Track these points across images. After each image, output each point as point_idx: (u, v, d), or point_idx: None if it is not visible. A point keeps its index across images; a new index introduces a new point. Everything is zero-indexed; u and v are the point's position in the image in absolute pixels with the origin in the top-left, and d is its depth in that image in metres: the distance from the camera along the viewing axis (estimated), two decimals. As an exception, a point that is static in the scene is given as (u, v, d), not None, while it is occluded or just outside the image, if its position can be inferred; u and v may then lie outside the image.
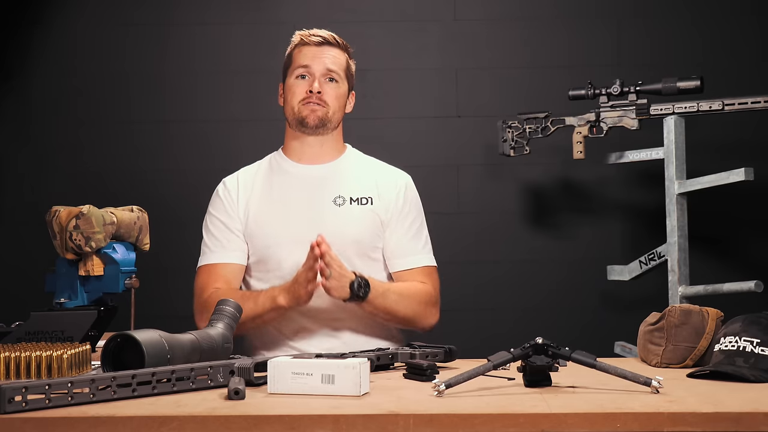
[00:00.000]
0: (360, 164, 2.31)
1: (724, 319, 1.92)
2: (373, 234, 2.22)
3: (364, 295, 2.07)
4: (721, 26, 3.45)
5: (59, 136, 3.49)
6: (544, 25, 3.51)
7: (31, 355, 1.70)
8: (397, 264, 2.25)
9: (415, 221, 2.29)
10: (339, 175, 2.26)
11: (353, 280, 2.06)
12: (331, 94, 2.22)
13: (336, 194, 2.22)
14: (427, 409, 1.44)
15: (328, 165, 2.27)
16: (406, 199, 2.28)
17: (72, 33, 3.52)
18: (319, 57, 2.22)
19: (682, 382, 1.69)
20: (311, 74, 2.21)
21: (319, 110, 2.21)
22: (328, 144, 2.26)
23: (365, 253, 2.21)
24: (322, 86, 2.20)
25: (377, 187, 2.25)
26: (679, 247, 2.97)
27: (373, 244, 2.23)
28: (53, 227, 2.21)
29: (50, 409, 1.44)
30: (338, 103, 2.23)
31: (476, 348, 2.11)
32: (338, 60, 2.24)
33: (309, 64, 2.21)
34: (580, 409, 1.43)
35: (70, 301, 2.20)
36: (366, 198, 2.23)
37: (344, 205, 2.21)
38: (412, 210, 2.29)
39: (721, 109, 2.93)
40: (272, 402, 1.52)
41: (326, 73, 2.21)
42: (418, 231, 2.29)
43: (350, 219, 2.20)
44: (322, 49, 2.23)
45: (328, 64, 2.22)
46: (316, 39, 2.23)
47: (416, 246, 2.27)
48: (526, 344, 1.63)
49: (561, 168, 3.44)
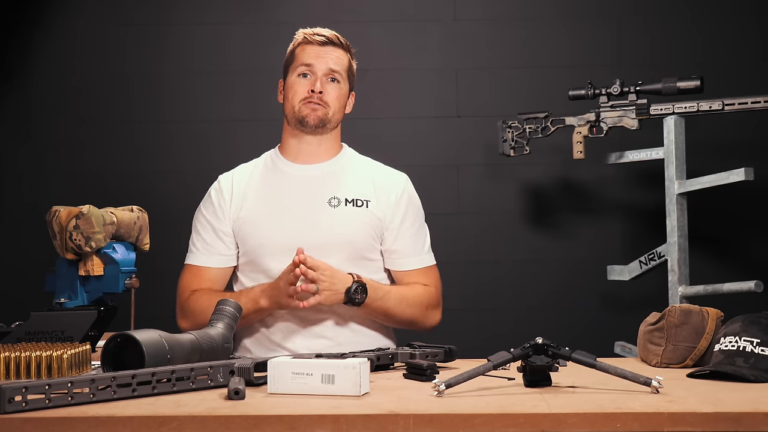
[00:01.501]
0: (357, 165, 2.31)
1: (724, 319, 1.92)
2: (368, 236, 2.21)
3: (360, 300, 2.08)
4: (722, 26, 3.45)
5: (59, 136, 3.49)
6: (544, 24, 3.51)
7: (31, 355, 1.70)
8: (397, 265, 2.25)
9: (415, 222, 2.29)
10: (335, 176, 2.25)
11: (349, 286, 2.06)
12: (333, 95, 2.22)
13: (331, 195, 2.22)
14: (427, 409, 1.44)
15: (324, 165, 2.27)
16: (404, 199, 2.27)
17: (72, 33, 3.52)
18: (322, 56, 2.21)
19: (682, 382, 1.69)
20: (313, 73, 2.21)
21: (319, 110, 2.20)
22: (325, 144, 2.26)
23: (360, 254, 2.20)
24: (324, 86, 2.20)
25: (375, 188, 2.25)
26: (679, 247, 2.97)
27: (369, 245, 2.22)
28: (53, 227, 2.21)
29: (50, 409, 1.44)
30: (339, 103, 2.23)
31: (476, 348, 2.12)
32: (341, 60, 2.24)
33: (311, 63, 2.21)
34: (580, 409, 1.43)
35: (70, 301, 2.20)
36: (362, 200, 2.22)
37: (339, 206, 2.20)
38: (412, 210, 2.28)
39: (721, 109, 2.93)
40: (272, 402, 1.52)
41: (328, 73, 2.21)
42: (418, 231, 2.28)
43: (344, 221, 2.19)
44: (326, 49, 2.22)
45: (330, 65, 2.21)
46: (319, 38, 2.22)
47: (416, 247, 2.27)
48: (526, 344, 1.63)
49: (561, 168, 3.44)
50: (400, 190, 2.28)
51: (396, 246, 2.24)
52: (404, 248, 2.25)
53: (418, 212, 2.31)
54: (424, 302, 2.21)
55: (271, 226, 2.19)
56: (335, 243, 2.16)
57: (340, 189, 2.23)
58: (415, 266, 2.26)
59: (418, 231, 2.29)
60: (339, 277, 2.07)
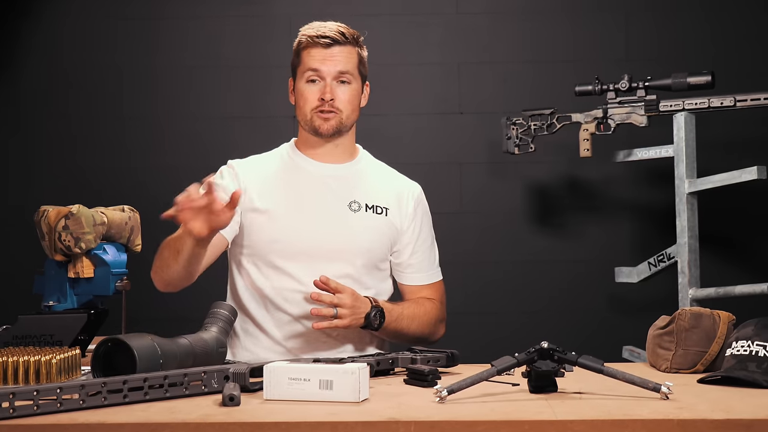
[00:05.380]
0: (375, 170, 2.31)
1: (736, 323, 1.92)
2: (384, 245, 2.22)
3: (379, 325, 2.09)
4: (734, 18, 3.45)
5: (48, 133, 3.49)
6: (549, 18, 3.51)
7: (19, 360, 1.70)
8: (408, 278, 2.27)
9: (429, 235, 2.31)
10: (355, 179, 2.25)
11: (369, 312, 2.07)
12: (344, 99, 2.20)
13: (351, 198, 2.21)
14: (429, 415, 1.44)
15: (344, 166, 2.26)
16: (420, 211, 2.30)
17: (61, 26, 3.52)
18: (329, 60, 2.18)
19: (693, 388, 1.69)
20: (322, 78, 2.18)
21: (332, 119, 2.19)
22: (342, 145, 2.25)
23: (374, 264, 2.21)
24: (334, 92, 2.18)
25: (394, 197, 2.26)
26: (689, 248, 2.97)
27: (384, 255, 2.23)
28: (41, 227, 2.21)
29: (38, 416, 1.44)
30: (352, 105, 2.22)
31: (479, 352, 2.12)
32: (350, 59, 2.21)
33: (318, 67, 2.18)
34: (587, 415, 1.43)
35: (59, 304, 2.20)
36: (382, 207, 2.23)
37: (359, 211, 2.21)
38: (426, 223, 2.31)
39: (733, 105, 2.92)
40: (268, 408, 1.52)
41: (337, 76, 2.19)
42: (431, 246, 2.31)
43: (364, 227, 2.19)
44: (332, 51, 2.19)
45: (339, 67, 2.18)
46: (324, 41, 2.18)
47: (429, 261, 2.29)
48: (531, 348, 1.63)
49: (567, 166, 3.44)
50: (417, 201, 2.29)
51: (412, 260, 2.26)
52: (419, 262, 2.27)
53: (431, 224, 2.34)
54: (433, 319, 2.24)
55: (289, 223, 2.17)
56: (355, 249, 2.17)
57: (361, 193, 2.23)
58: (426, 281, 2.28)
59: (431, 245, 2.32)
60: (362, 301, 2.08)
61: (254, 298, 2.19)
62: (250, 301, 2.19)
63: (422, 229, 2.28)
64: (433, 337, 2.25)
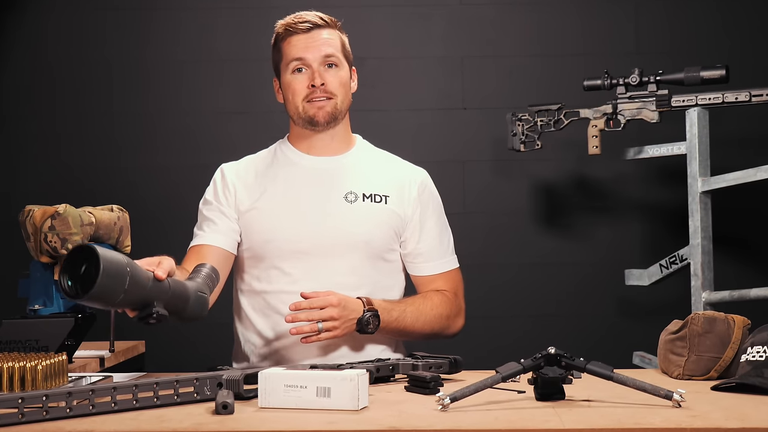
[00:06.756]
0: (373, 158, 2.30)
1: (751, 327, 1.92)
2: (387, 234, 2.21)
3: (374, 329, 2.08)
4: (748, 11, 3.45)
5: (34, 130, 3.49)
6: (556, 9, 3.51)
7: (3, 366, 1.70)
8: (418, 269, 2.26)
9: (438, 222, 2.29)
10: (351, 169, 2.24)
11: (361, 316, 2.06)
12: (335, 82, 2.20)
13: (347, 189, 2.21)
14: (431, 424, 1.44)
15: (339, 157, 2.25)
16: (427, 197, 2.28)
17: (46, 18, 3.52)
18: (313, 44, 2.19)
19: (706, 396, 1.69)
20: (308, 65, 2.19)
21: (326, 105, 2.19)
22: (338, 136, 2.25)
23: (378, 255, 2.20)
24: (323, 76, 2.18)
25: (395, 184, 2.25)
26: (702, 250, 2.97)
27: (388, 245, 2.22)
28: (27, 228, 2.21)
29: (23, 425, 1.44)
30: (344, 89, 2.22)
31: (484, 358, 2.12)
32: (333, 41, 2.21)
33: (303, 55, 2.19)
34: (596, 424, 1.43)
35: (45, 308, 2.20)
36: (381, 195, 2.22)
37: (356, 201, 2.20)
38: (434, 209, 2.29)
39: (748, 100, 2.93)
40: (263, 417, 1.52)
41: (324, 60, 2.19)
42: (440, 232, 2.29)
43: (362, 217, 2.19)
44: (313, 35, 2.20)
45: (324, 51, 2.19)
46: (304, 26, 2.19)
47: (439, 249, 2.27)
48: (538, 354, 1.63)
49: (575, 164, 3.44)
50: (421, 185, 2.28)
51: (420, 248, 2.24)
52: (428, 251, 2.25)
53: (441, 210, 2.32)
54: (444, 313, 2.22)
55: (283, 221, 2.18)
56: (351, 242, 2.16)
57: (357, 183, 2.22)
58: (438, 270, 2.26)
59: (441, 231, 2.29)
60: (351, 307, 2.06)
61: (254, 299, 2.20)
62: (247, 305, 2.20)
63: (429, 215, 2.26)
64: (447, 331, 2.23)
